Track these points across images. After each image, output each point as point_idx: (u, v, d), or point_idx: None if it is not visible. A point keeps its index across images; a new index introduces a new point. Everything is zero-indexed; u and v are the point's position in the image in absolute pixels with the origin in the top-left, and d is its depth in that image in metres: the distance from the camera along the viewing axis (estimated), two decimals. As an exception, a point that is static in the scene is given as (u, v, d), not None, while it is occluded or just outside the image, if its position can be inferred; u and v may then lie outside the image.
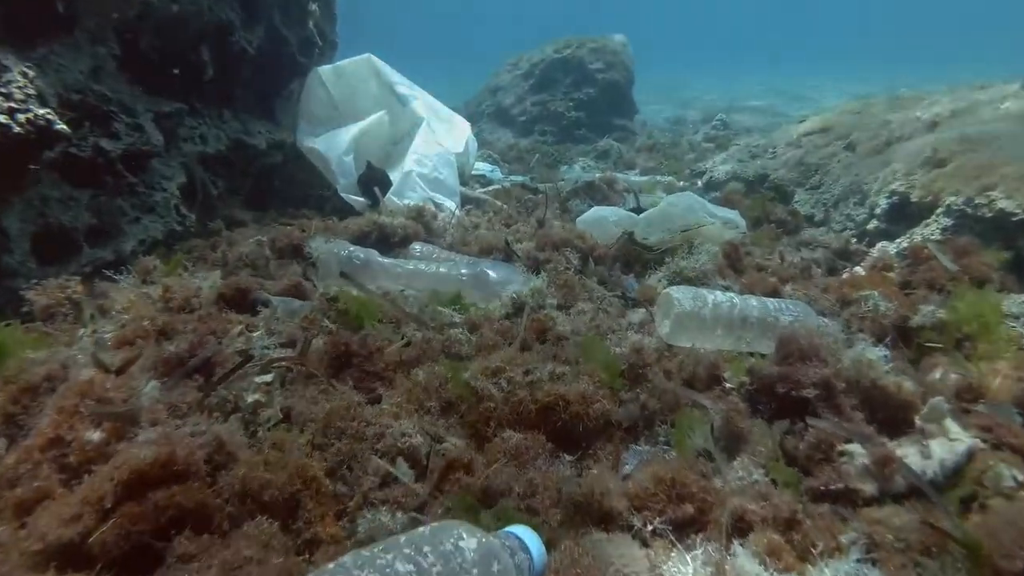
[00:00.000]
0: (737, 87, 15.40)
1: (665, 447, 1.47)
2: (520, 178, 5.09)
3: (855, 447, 1.28)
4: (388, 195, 3.49)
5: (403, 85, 4.06)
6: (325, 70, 4.01)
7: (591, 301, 2.38)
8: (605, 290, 2.52)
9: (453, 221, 3.15)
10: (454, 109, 4.57)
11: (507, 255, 2.78)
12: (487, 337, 1.82)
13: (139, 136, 2.57)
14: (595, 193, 4.14)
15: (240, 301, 2.05)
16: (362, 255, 2.40)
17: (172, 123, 2.97)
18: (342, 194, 3.58)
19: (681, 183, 4.71)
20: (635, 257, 2.77)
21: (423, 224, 2.95)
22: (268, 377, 1.50)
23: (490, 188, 4.28)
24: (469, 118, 9.16)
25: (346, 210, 3.60)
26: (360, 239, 2.77)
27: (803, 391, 1.42)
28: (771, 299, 2.07)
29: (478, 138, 8.37)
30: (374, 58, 4.12)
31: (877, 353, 1.49)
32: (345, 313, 1.84)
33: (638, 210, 3.18)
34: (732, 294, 2.06)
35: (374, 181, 3.65)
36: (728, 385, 1.62)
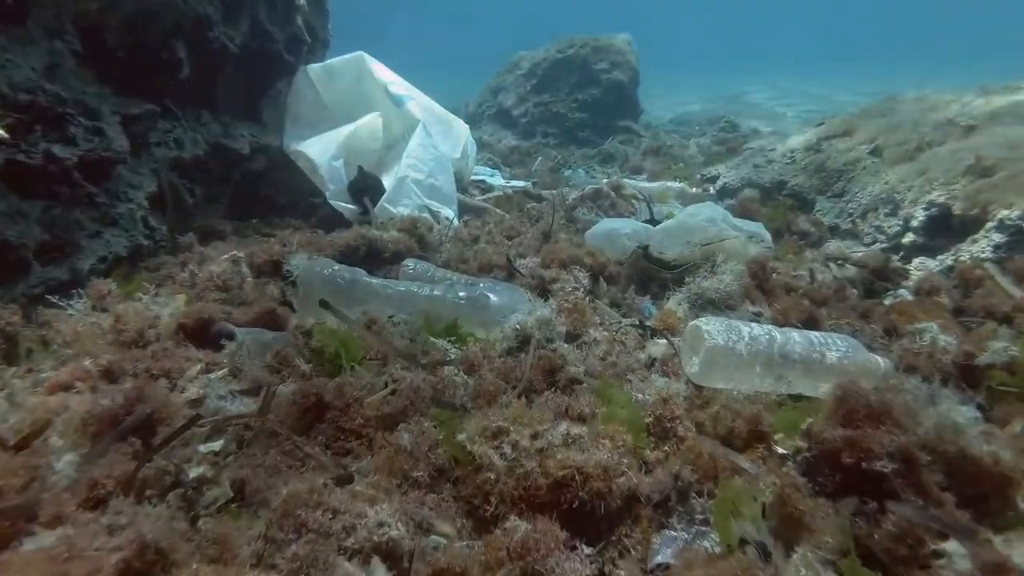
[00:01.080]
0: (729, 88, 15.14)
1: (703, 528, 1.20)
2: (522, 183, 4.82)
3: (953, 546, 1.01)
4: (381, 202, 3.23)
5: (398, 85, 3.79)
6: (314, 69, 3.75)
7: (604, 328, 2.12)
8: (619, 314, 2.25)
9: (450, 233, 2.88)
10: (453, 111, 4.31)
11: (509, 273, 2.52)
12: (487, 381, 1.55)
13: (99, 141, 2.30)
14: (602, 200, 3.87)
15: (202, 333, 1.78)
16: (347, 275, 2.13)
17: (142, 126, 2.70)
18: (331, 201, 3.31)
19: (694, 190, 4.44)
20: (651, 276, 2.50)
21: (417, 238, 2.68)
22: (216, 445, 1.23)
23: (490, 195, 4.01)
24: (469, 119, 8.92)
25: (335, 218, 3.34)
26: (347, 255, 2.51)
27: (876, 463, 1.15)
28: (814, 332, 1.80)
29: (478, 140, 8.10)
30: (367, 56, 3.85)
31: (966, 414, 1.22)
32: (321, 353, 1.57)
33: (652, 222, 2.91)
34: (770, 326, 1.79)
35: (366, 187, 3.38)
36: (780, 450, 1.35)
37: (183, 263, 2.42)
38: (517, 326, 1.84)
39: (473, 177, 4.58)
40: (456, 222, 3.38)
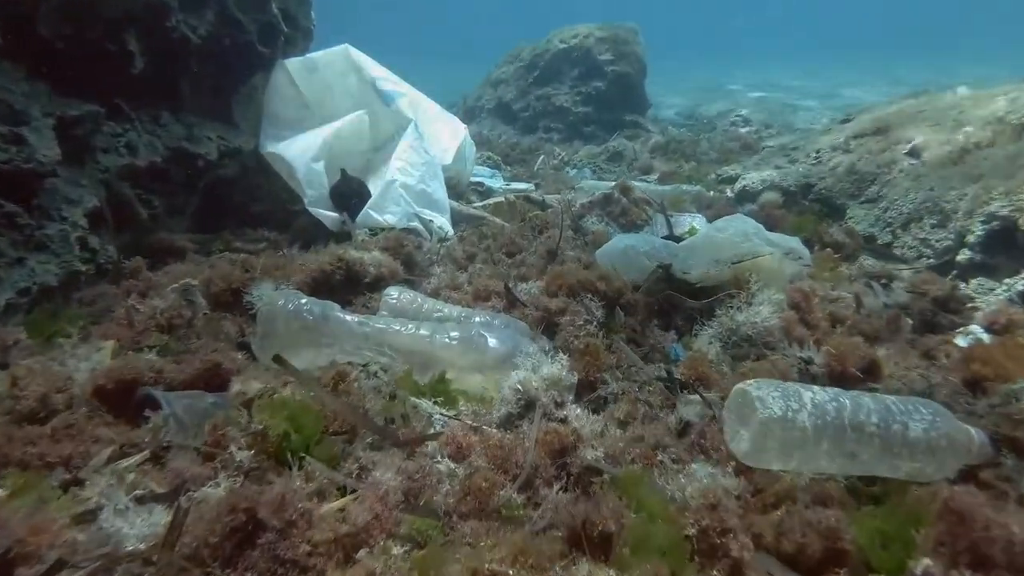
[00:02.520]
0: (734, 80, 14.71)
1: None
2: (523, 185, 4.46)
3: None
4: (366, 209, 2.86)
5: (387, 81, 3.42)
6: (294, 63, 3.37)
7: (623, 375, 1.76)
8: (637, 354, 1.89)
9: (441, 252, 2.51)
10: (450, 105, 3.96)
11: (509, 302, 2.16)
12: (478, 472, 1.19)
13: (19, 150, 1.94)
14: (612, 207, 3.51)
15: (126, 397, 1.42)
16: (316, 309, 1.77)
17: (84, 129, 2.34)
18: (310, 209, 2.95)
19: (711, 193, 4.07)
20: (674, 304, 2.14)
21: (403, 258, 2.32)
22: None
23: (488, 202, 3.64)
24: (468, 113, 8.54)
25: (315, 229, 2.98)
26: (320, 282, 2.15)
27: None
28: (890, 397, 1.45)
29: (477, 136, 7.70)
30: (353, 49, 3.48)
31: None
32: (265, 435, 1.21)
33: (673, 238, 2.54)
34: (835, 389, 1.43)
35: (350, 193, 3.02)
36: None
37: (126, 293, 2.07)
38: (519, 386, 1.48)
39: (472, 179, 4.21)
40: (451, 232, 3.03)
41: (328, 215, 2.90)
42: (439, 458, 1.24)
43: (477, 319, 1.93)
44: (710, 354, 1.88)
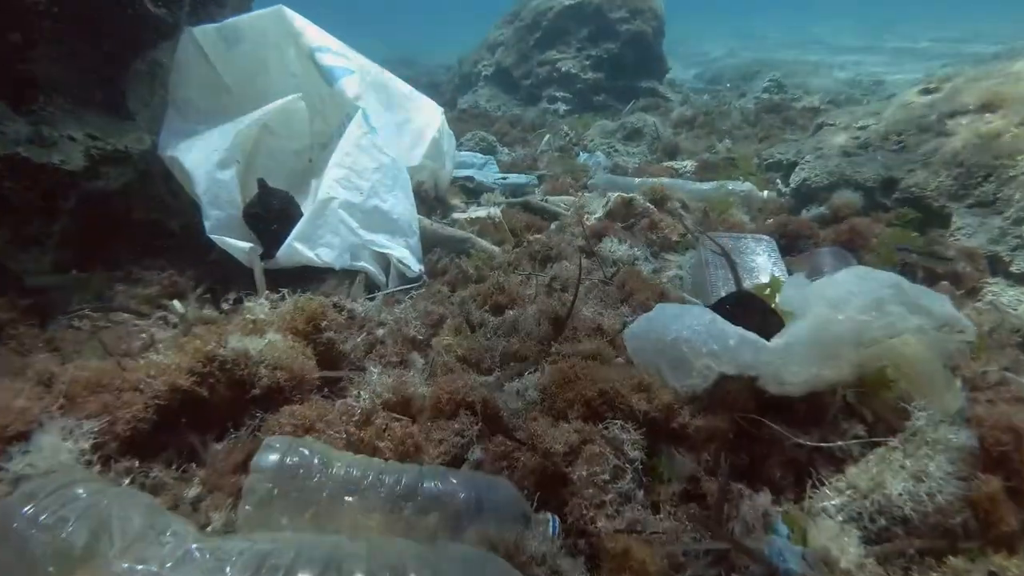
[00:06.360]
0: (761, 36, 13.49)
1: None
2: (522, 179, 3.56)
3: None
4: (290, 242, 2.00)
5: (332, 53, 2.50)
6: (206, 32, 2.45)
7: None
8: (708, 536, 1.06)
9: (383, 332, 1.63)
10: (439, 73, 3.04)
11: (488, 425, 1.31)
12: None
13: None
14: (637, 218, 2.62)
15: None
16: (84, 534, 0.92)
17: None
18: (212, 236, 2.08)
19: (765, 194, 3.16)
20: (764, 447, 1.28)
21: (321, 347, 1.47)
22: None
23: (476, 213, 2.76)
24: (463, 81, 7.52)
25: (230, 264, 2.13)
26: (173, 407, 1.30)
27: None
28: None
29: (474, 107, 6.76)
30: (288, 11, 2.56)
31: None
32: None
33: (740, 296, 1.65)
34: None
35: (270, 213, 2.15)
36: None
37: None
38: None
39: (455, 173, 3.32)
40: (418, 268, 2.16)
41: (236, 245, 2.04)
42: None
43: (435, 486, 1.09)
44: (844, 556, 1.04)
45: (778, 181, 3.54)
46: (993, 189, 2.62)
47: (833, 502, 1.12)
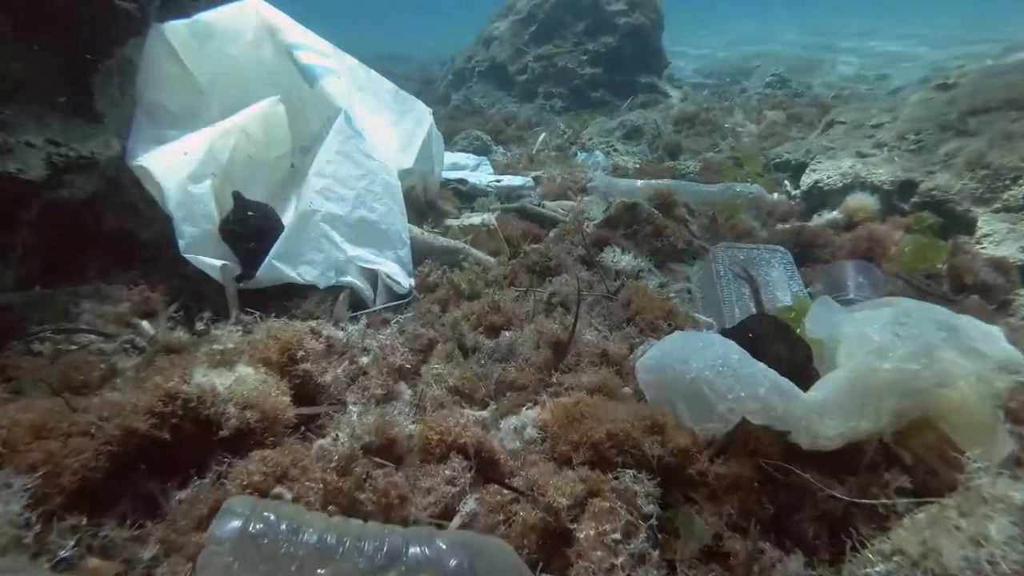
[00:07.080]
0: (759, 29, 13.33)
1: None
2: (518, 180, 3.40)
3: None
4: (269, 259, 1.85)
5: (312, 51, 2.34)
6: (176, 28, 2.28)
7: None
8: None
9: (367, 360, 1.48)
10: (434, 68, 2.88)
11: (483, 473, 1.17)
12: None
13: None
14: (642, 223, 2.47)
15: None
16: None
17: None
18: (186, 256, 1.93)
19: (775, 196, 3.01)
20: (793, 496, 1.13)
21: (298, 380, 1.32)
22: None
23: (470, 220, 2.61)
24: (456, 77, 7.34)
25: (206, 279, 1.97)
26: (129, 452, 1.15)
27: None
28: None
29: (468, 104, 6.58)
30: (264, 5, 2.39)
31: None
32: None
33: (760, 318, 1.51)
34: None
35: (248, 229, 1.99)
36: None
37: None
38: None
39: (447, 175, 3.16)
40: (408, 284, 2.01)
41: (210, 263, 1.88)
42: None
43: (407, 559, 0.94)
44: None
45: (786, 182, 3.39)
46: (1022, 193, 2.47)
47: (877, 568, 0.97)
